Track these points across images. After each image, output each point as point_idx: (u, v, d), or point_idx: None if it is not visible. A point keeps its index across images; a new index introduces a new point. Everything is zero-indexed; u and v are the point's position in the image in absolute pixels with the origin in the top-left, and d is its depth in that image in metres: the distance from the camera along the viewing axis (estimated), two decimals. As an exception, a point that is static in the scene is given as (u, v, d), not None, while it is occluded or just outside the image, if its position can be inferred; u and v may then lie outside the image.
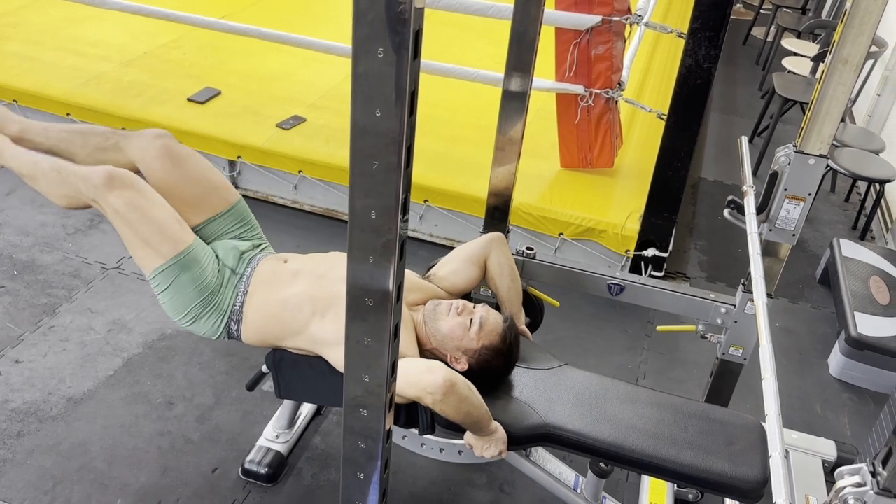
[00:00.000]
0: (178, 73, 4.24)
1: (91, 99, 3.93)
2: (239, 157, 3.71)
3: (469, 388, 1.79)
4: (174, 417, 2.55)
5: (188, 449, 2.45)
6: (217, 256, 2.04)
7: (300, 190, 3.71)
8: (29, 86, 4.01)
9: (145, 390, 2.64)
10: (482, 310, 1.98)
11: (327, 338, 1.89)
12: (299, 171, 3.63)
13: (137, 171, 2.04)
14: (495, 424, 1.86)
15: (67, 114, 3.94)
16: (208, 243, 2.07)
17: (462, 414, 1.78)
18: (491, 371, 1.96)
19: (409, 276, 2.10)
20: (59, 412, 2.53)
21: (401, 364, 1.74)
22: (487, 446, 1.86)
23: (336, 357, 1.88)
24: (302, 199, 3.74)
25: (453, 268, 2.19)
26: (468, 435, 1.86)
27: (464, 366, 1.93)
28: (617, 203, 3.43)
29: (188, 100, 3.96)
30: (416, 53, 1.04)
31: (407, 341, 1.90)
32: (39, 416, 2.51)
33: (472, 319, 1.94)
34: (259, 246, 2.16)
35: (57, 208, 3.54)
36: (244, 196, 3.79)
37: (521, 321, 2.23)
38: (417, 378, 1.75)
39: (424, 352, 1.97)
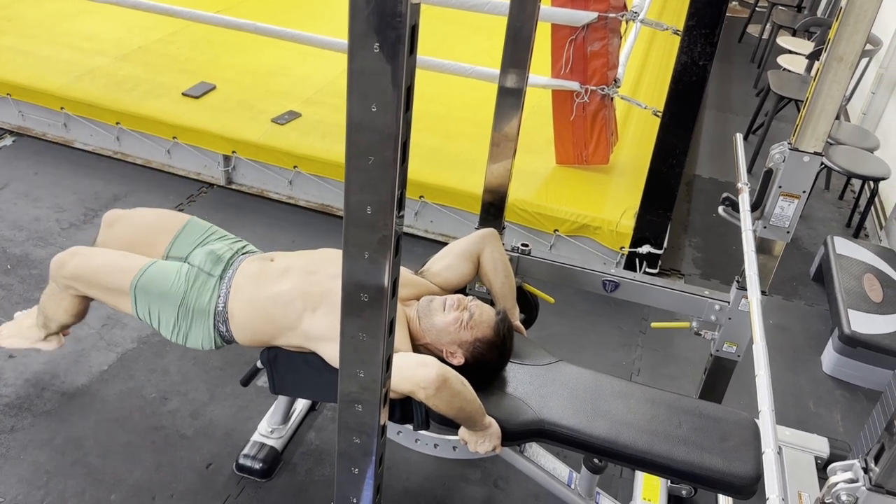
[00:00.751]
0: (173, 68, 4.23)
1: (86, 93, 3.91)
2: (234, 151, 3.70)
3: (462, 383, 1.80)
4: (168, 412, 2.55)
5: (182, 444, 2.44)
6: (192, 265, 2.08)
7: (295, 185, 3.71)
8: (23, 80, 3.99)
9: (139, 385, 2.64)
10: (475, 304, 1.99)
11: (320, 333, 1.89)
12: (294, 167, 3.63)
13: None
14: (489, 420, 1.86)
15: (62, 108, 3.93)
16: (185, 259, 2.15)
17: (455, 409, 1.79)
18: (485, 364, 1.97)
19: (402, 271, 2.10)
20: (52, 407, 2.53)
21: (394, 359, 1.74)
22: (481, 441, 1.86)
23: (330, 352, 1.88)
24: (297, 194, 3.74)
25: (446, 263, 2.19)
26: (462, 430, 1.87)
27: (459, 360, 1.93)
28: (612, 200, 3.44)
29: (183, 94, 3.95)
30: (413, 49, 1.04)
31: (400, 336, 1.90)
32: (33, 411, 2.50)
33: (465, 313, 1.95)
34: (240, 249, 2.17)
35: (52, 202, 3.55)
36: (239, 191, 3.80)
37: (516, 317, 2.24)
38: (411, 373, 1.76)
39: (418, 347, 1.97)
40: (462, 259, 2.20)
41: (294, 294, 1.93)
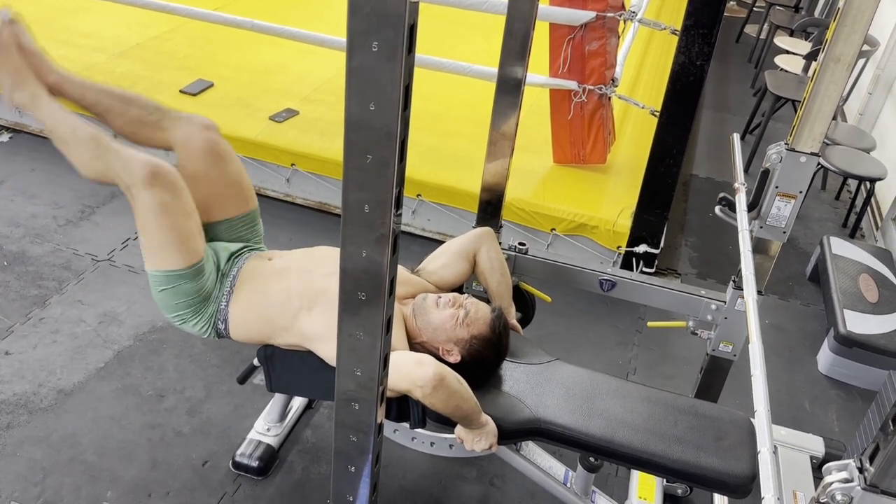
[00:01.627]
0: (170, 65, 4.22)
1: (83, 90, 3.90)
2: (231, 149, 3.69)
3: (459, 382, 1.80)
4: (165, 410, 2.55)
5: (178, 441, 2.44)
6: (212, 260, 2.03)
7: (293, 183, 3.71)
8: (20, 76, 3.98)
9: (136, 383, 2.64)
10: (470, 301, 1.99)
11: (316, 332, 1.89)
12: (292, 165, 3.63)
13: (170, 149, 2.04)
14: (486, 418, 1.86)
15: (59, 104, 3.92)
16: (209, 240, 2.05)
17: (452, 407, 1.79)
18: (482, 362, 1.97)
19: (399, 270, 2.10)
20: (49, 404, 2.52)
21: (391, 358, 1.74)
22: (478, 440, 1.86)
23: (326, 351, 1.88)
24: (294, 192, 3.74)
25: (442, 262, 2.19)
26: (459, 428, 1.87)
27: (456, 357, 1.93)
28: (609, 199, 3.44)
29: (180, 91, 3.95)
30: (411, 48, 1.04)
31: (396, 335, 1.90)
32: (29, 408, 2.50)
33: (461, 310, 1.95)
34: (253, 248, 2.16)
35: (49, 199, 3.54)
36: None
37: (512, 315, 2.24)
38: (408, 371, 1.76)
39: (415, 345, 1.98)
40: (458, 258, 2.20)
41: (290, 293, 1.93)
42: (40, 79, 1.99)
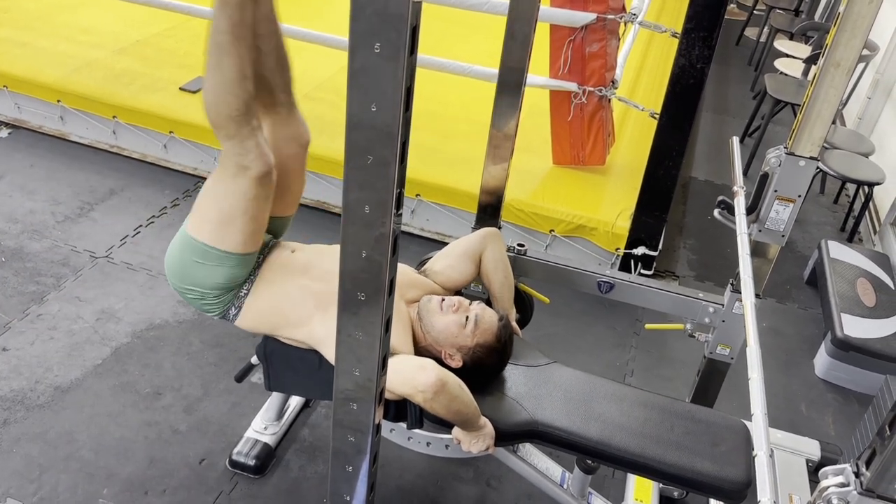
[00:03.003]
0: (170, 62, 4.22)
1: (83, 86, 3.90)
2: (231, 147, 3.69)
3: (460, 387, 1.79)
4: (162, 408, 2.55)
5: (175, 439, 2.44)
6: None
7: (292, 182, 3.70)
8: (20, 72, 3.98)
9: (133, 380, 2.64)
10: (478, 308, 1.97)
11: (328, 334, 1.87)
12: (291, 163, 3.62)
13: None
14: (484, 420, 1.86)
15: (58, 100, 3.92)
16: None
17: (452, 412, 1.79)
18: (484, 368, 1.97)
19: (407, 271, 2.09)
20: (45, 400, 2.52)
21: (394, 361, 1.74)
22: (475, 441, 1.86)
23: (333, 353, 1.87)
24: (293, 190, 3.73)
25: (449, 262, 2.18)
26: (456, 430, 1.87)
27: (458, 363, 1.93)
28: (608, 201, 3.44)
29: (180, 89, 3.94)
30: (413, 49, 1.04)
31: (403, 338, 1.89)
32: (26, 405, 2.50)
33: (467, 317, 1.94)
34: (274, 240, 2.12)
35: (47, 195, 3.53)
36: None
37: (512, 318, 2.24)
38: (410, 376, 1.75)
39: (419, 348, 1.96)
40: (464, 258, 2.19)
41: (308, 291, 1.91)
42: None
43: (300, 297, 1.91)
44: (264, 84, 1.88)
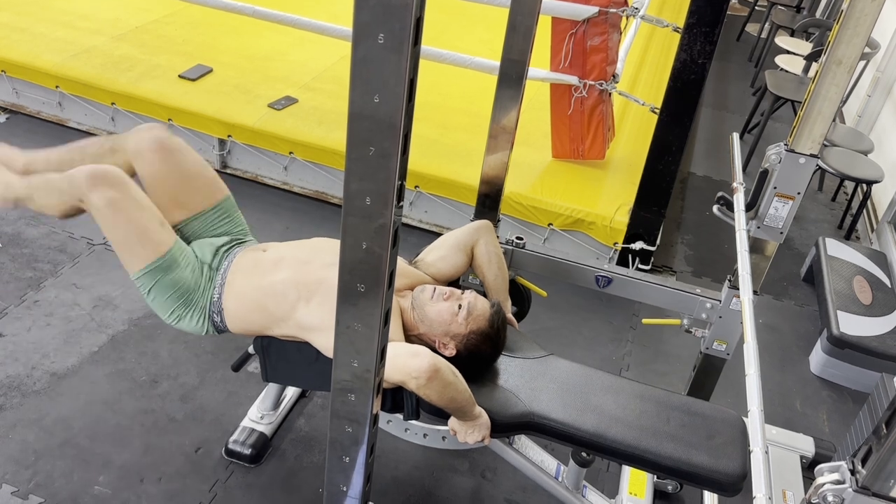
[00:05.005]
0: (170, 49, 4.20)
1: (81, 72, 3.89)
2: (229, 136, 3.69)
3: (454, 374, 1.80)
4: (158, 396, 2.55)
5: (171, 427, 2.45)
6: (196, 256, 2.06)
7: (290, 171, 3.70)
8: (18, 57, 3.96)
9: (130, 367, 2.64)
10: (470, 295, 1.99)
11: (314, 323, 1.89)
12: (290, 153, 3.62)
13: (134, 174, 2.08)
14: (479, 410, 1.87)
15: (56, 86, 3.90)
16: (189, 241, 2.10)
17: (446, 399, 1.79)
18: (478, 357, 1.97)
19: (398, 261, 2.10)
20: (42, 387, 2.52)
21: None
22: (471, 432, 1.87)
23: (323, 342, 1.88)
24: (292, 180, 3.73)
25: (440, 254, 2.19)
26: (452, 420, 1.88)
27: (452, 351, 1.94)
28: (607, 195, 3.44)
29: (179, 76, 3.93)
30: (417, 41, 1.04)
31: (393, 326, 1.90)
32: (22, 391, 2.50)
33: (460, 305, 1.95)
34: (240, 240, 2.17)
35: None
36: (233, 175, 3.78)
37: (508, 309, 2.24)
38: (403, 362, 1.76)
39: (411, 337, 1.98)
40: (456, 250, 2.20)
41: (287, 284, 1.93)
42: (11, 169, 2.12)
43: (280, 291, 1.93)
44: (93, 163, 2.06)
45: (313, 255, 2.00)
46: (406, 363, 1.76)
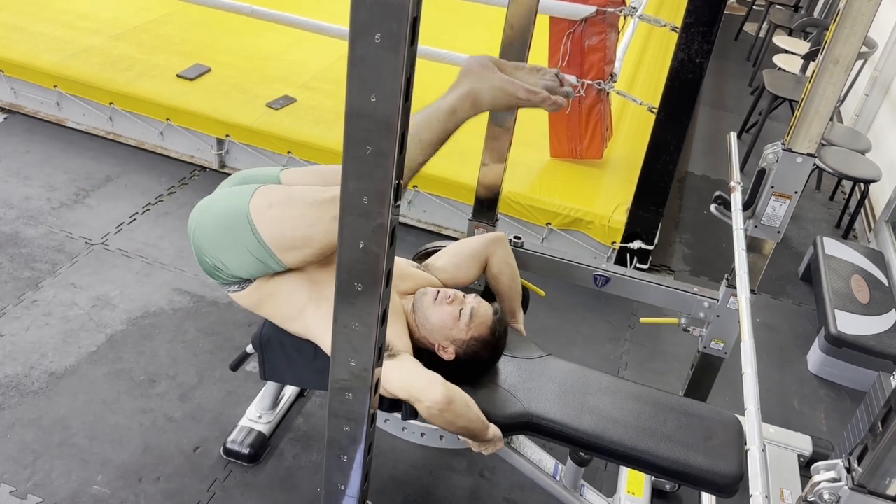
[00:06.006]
0: (168, 49, 4.20)
1: (79, 72, 3.89)
2: (227, 135, 3.69)
3: (466, 405, 1.78)
4: (156, 395, 2.55)
5: (170, 427, 2.45)
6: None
7: (288, 171, 3.69)
8: (17, 56, 3.96)
9: (128, 367, 2.64)
10: (474, 300, 1.96)
11: (323, 325, 1.87)
12: (288, 152, 3.62)
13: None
14: (492, 431, 1.85)
15: (55, 86, 3.90)
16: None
17: (456, 428, 1.78)
18: (477, 361, 1.96)
19: (401, 263, 2.09)
20: (40, 386, 2.52)
21: (400, 368, 1.75)
22: (485, 447, 1.88)
23: (329, 344, 1.87)
24: (290, 180, 3.72)
25: (457, 262, 2.18)
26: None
27: (451, 355, 1.92)
28: (605, 195, 3.45)
29: (177, 76, 3.93)
30: (414, 40, 1.04)
31: (399, 332, 1.87)
32: (21, 390, 2.50)
33: (462, 310, 1.93)
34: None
35: (43, 181, 3.52)
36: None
37: (520, 320, 2.24)
38: (417, 391, 1.73)
39: (413, 340, 1.96)
40: (473, 260, 2.18)
41: (304, 280, 1.87)
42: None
43: (298, 285, 1.89)
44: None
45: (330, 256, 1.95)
46: (420, 391, 1.73)
